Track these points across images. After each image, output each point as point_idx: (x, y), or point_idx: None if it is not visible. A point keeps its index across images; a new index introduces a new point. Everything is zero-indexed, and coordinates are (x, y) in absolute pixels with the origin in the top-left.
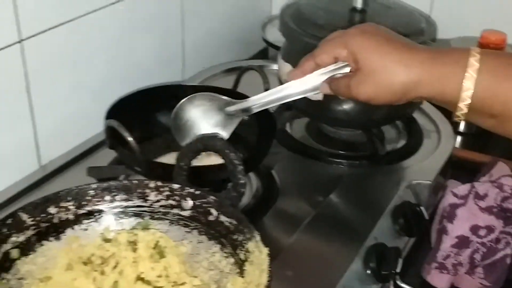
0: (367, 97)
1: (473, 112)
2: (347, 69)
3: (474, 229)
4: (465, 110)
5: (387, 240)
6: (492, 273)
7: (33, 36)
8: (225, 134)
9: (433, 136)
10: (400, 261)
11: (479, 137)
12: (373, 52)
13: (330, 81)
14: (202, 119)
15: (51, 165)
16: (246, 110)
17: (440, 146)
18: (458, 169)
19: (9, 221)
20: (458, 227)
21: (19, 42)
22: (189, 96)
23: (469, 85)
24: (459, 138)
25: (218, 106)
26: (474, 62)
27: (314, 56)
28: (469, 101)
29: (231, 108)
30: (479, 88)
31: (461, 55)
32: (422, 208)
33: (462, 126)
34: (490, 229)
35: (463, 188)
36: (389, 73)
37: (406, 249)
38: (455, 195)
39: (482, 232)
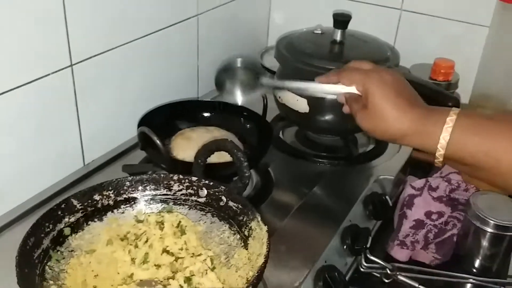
0: (366, 130)
1: (448, 161)
2: (358, 94)
3: (428, 214)
4: (441, 158)
5: (359, 222)
6: (442, 249)
7: (81, 61)
8: (253, 95)
9: None
10: (370, 239)
11: None
12: (381, 101)
13: (348, 97)
14: (238, 76)
15: (93, 164)
16: (277, 88)
17: (401, 149)
18: (416, 167)
19: (63, 205)
20: (415, 213)
21: (70, 66)
22: (239, 55)
23: (443, 141)
24: None
25: (254, 72)
26: (449, 122)
27: (340, 75)
28: (443, 152)
29: (266, 82)
30: (451, 143)
31: (442, 115)
32: (387, 197)
33: None
34: (440, 214)
35: (419, 182)
36: (386, 122)
37: (374, 230)
38: (413, 187)
39: (434, 217)
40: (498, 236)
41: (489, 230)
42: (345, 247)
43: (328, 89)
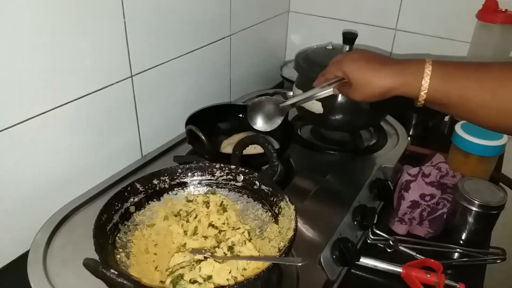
0: (360, 100)
1: (428, 103)
2: (344, 81)
3: (422, 196)
4: (422, 102)
5: (367, 202)
6: (435, 224)
7: (139, 73)
8: (278, 120)
9: (393, 137)
10: (376, 216)
11: (424, 138)
12: (358, 73)
13: (339, 87)
14: (264, 110)
15: (149, 156)
16: (292, 105)
17: (398, 143)
18: (411, 158)
19: (128, 188)
20: (411, 195)
21: (130, 77)
22: (258, 97)
23: (424, 87)
24: (410, 138)
25: (274, 103)
26: (427, 71)
27: (324, 74)
28: (424, 97)
29: (283, 104)
30: (430, 88)
31: (419, 65)
32: (389, 182)
33: (411, 131)
34: (432, 196)
35: (414, 170)
36: (370, 85)
37: (378, 209)
38: (409, 174)
39: (427, 198)
40: (481, 214)
41: (474, 209)
42: (355, 223)
43: (323, 89)
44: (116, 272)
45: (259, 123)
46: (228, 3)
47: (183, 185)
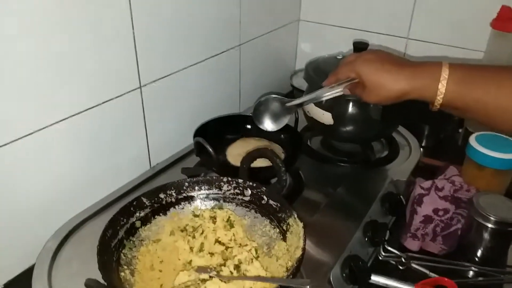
0: (374, 102)
1: (444, 107)
2: (356, 81)
3: (435, 210)
4: (438, 106)
5: (378, 217)
6: (448, 241)
7: (147, 84)
8: (285, 120)
9: (406, 149)
10: (387, 232)
11: (437, 150)
12: (373, 75)
13: (351, 87)
14: (270, 109)
15: (157, 167)
16: (299, 105)
17: (411, 155)
18: (423, 170)
19: (134, 203)
20: (424, 209)
21: (139, 88)
22: (264, 95)
23: (440, 91)
24: (423, 150)
25: (280, 102)
26: (444, 75)
27: (336, 73)
28: (441, 101)
29: (290, 103)
30: (448, 92)
31: (436, 69)
32: (401, 196)
33: (424, 142)
34: (446, 211)
35: (427, 183)
36: (385, 88)
37: (389, 224)
38: (422, 187)
39: (440, 213)
40: (498, 231)
41: (490, 225)
42: (366, 239)
43: (333, 89)
44: None
45: (265, 123)
46: (237, 13)
47: (190, 199)
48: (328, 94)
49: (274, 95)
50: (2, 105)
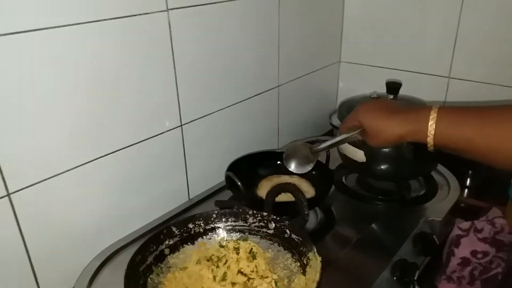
0: (376, 147)
1: (439, 147)
2: (361, 129)
3: (474, 253)
4: (432, 147)
5: (409, 257)
6: (488, 285)
7: (188, 123)
8: (312, 164)
9: (444, 188)
10: (417, 273)
11: (482, 190)
12: (371, 122)
13: (361, 133)
14: (298, 154)
15: (195, 198)
16: (324, 148)
17: (449, 195)
18: (465, 211)
19: (164, 231)
20: (462, 251)
21: (180, 126)
22: (293, 142)
23: (430, 132)
24: (467, 190)
25: (307, 147)
26: (433, 118)
27: (345, 123)
28: (432, 142)
29: (316, 148)
30: (437, 133)
31: (426, 112)
32: (434, 237)
33: (468, 182)
34: (485, 253)
35: (465, 224)
36: (382, 133)
37: (423, 265)
38: (460, 228)
39: (479, 256)
40: None
41: None
42: (394, 278)
43: (345, 136)
44: None
45: (293, 166)
46: (275, 57)
47: (217, 229)
48: (345, 139)
49: (302, 142)
50: (49, 141)
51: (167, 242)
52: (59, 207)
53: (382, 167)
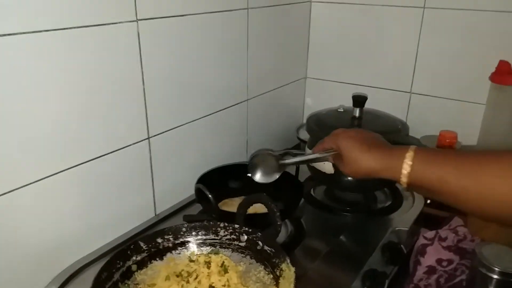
0: (347, 174)
1: (412, 186)
2: (335, 152)
3: (439, 261)
4: (405, 185)
5: (379, 266)
6: None
7: (155, 135)
8: (276, 175)
9: (409, 199)
10: (387, 282)
11: None
12: (349, 150)
13: (333, 157)
14: (264, 163)
15: (162, 214)
16: (292, 163)
17: (414, 205)
18: (428, 221)
19: (132, 246)
20: (428, 260)
21: (147, 139)
22: (259, 150)
23: (405, 172)
24: (429, 201)
25: (274, 158)
26: (409, 158)
27: (322, 142)
28: (405, 180)
29: (283, 161)
30: (412, 172)
31: (402, 151)
32: (402, 246)
33: None
34: (450, 261)
35: (430, 233)
36: (356, 164)
37: (392, 274)
38: (425, 238)
39: (444, 264)
40: (502, 282)
41: (495, 276)
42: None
43: (319, 156)
44: None
45: (257, 175)
46: (245, 72)
47: (187, 244)
48: (317, 159)
49: (270, 152)
50: (12, 154)
51: (134, 258)
52: (14, 226)
53: (349, 178)
